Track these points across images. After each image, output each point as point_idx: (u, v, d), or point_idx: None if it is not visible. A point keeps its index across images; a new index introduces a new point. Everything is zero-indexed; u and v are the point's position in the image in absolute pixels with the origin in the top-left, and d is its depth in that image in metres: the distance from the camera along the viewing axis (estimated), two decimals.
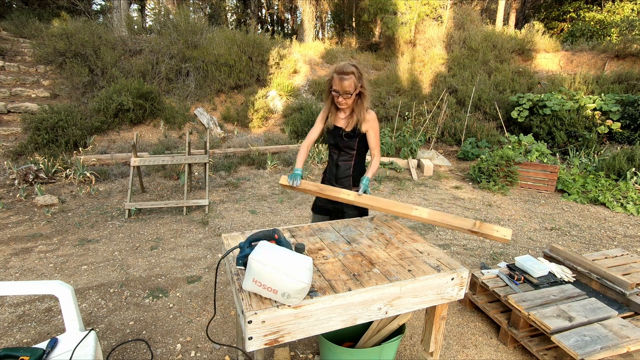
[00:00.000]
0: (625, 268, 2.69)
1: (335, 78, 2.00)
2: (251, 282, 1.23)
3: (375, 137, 2.16)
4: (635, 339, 1.89)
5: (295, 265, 1.22)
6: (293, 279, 1.19)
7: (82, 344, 1.53)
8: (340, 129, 2.15)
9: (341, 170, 2.21)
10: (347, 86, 1.98)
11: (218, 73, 8.23)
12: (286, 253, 1.27)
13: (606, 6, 13.23)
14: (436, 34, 10.98)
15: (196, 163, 4.91)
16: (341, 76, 1.97)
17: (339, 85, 1.99)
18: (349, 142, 2.14)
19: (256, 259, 1.22)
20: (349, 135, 2.14)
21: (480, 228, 1.70)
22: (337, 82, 1.99)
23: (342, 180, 2.22)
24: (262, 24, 20.24)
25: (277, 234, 1.48)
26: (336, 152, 2.21)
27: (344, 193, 2.02)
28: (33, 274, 2.99)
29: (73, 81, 7.23)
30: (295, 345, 2.21)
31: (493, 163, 5.74)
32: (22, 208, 4.37)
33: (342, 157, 2.20)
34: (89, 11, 12.28)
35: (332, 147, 2.23)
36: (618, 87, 8.04)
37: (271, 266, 1.20)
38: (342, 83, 1.97)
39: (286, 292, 1.20)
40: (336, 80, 1.99)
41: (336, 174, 2.23)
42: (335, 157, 2.22)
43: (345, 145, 2.16)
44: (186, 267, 3.13)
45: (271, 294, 1.22)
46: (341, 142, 2.16)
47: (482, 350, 2.22)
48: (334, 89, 2.02)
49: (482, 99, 8.71)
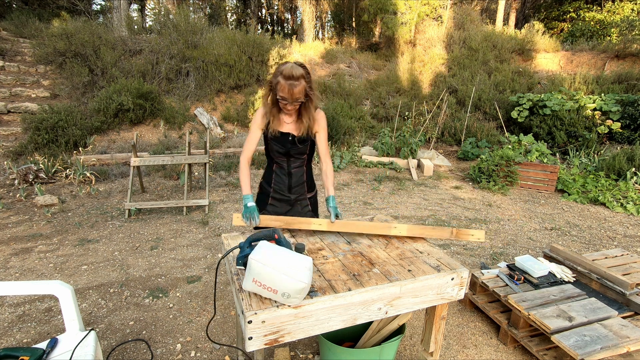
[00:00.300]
0: (625, 268, 2.69)
1: (282, 84, 1.71)
2: (251, 282, 1.24)
3: (325, 139, 1.98)
4: (635, 339, 1.89)
5: (295, 266, 1.22)
6: (293, 279, 1.19)
7: (82, 344, 1.53)
8: (288, 134, 1.91)
9: (295, 178, 2.01)
10: (297, 93, 1.73)
11: (218, 73, 8.23)
12: (286, 253, 1.27)
13: (606, 6, 13.23)
14: (436, 34, 10.98)
15: (196, 163, 4.91)
16: (290, 82, 1.71)
17: (288, 93, 1.72)
18: (302, 147, 1.94)
19: (256, 259, 1.22)
20: (302, 141, 1.92)
21: (457, 235, 1.73)
22: (286, 89, 1.72)
23: (296, 189, 2.03)
24: (262, 24, 20.25)
25: (277, 234, 1.48)
26: (285, 159, 1.96)
27: (315, 224, 1.79)
28: (33, 274, 2.99)
29: (73, 81, 7.23)
30: (295, 345, 2.21)
31: (493, 163, 5.74)
32: (22, 208, 4.37)
33: (293, 164, 1.98)
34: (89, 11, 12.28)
35: (278, 156, 1.95)
36: (618, 87, 8.05)
37: (271, 266, 1.21)
38: (292, 90, 1.72)
39: (286, 292, 1.20)
40: (284, 87, 1.71)
41: (289, 184, 2.01)
42: (285, 165, 1.98)
43: (298, 152, 1.94)
44: (186, 267, 3.13)
45: (271, 294, 1.22)
46: (293, 149, 1.93)
47: (482, 350, 2.22)
48: (281, 96, 1.75)
49: (482, 99, 8.72)
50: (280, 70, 1.73)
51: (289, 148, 1.93)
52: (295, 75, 1.71)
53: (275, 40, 10.02)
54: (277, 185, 2.02)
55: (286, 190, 2.02)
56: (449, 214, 4.57)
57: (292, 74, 1.70)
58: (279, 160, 1.98)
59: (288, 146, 1.92)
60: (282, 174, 2.00)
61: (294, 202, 2.06)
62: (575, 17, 14.76)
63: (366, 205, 4.79)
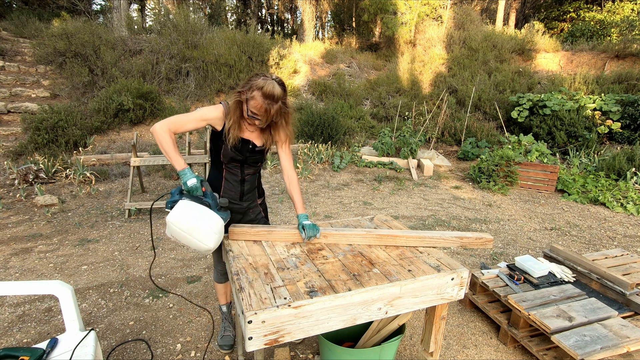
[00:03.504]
0: (625, 268, 2.69)
1: (258, 101, 1.57)
2: (170, 235, 1.51)
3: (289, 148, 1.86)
4: (635, 339, 1.89)
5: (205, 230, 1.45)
6: (201, 242, 1.46)
7: (82, 344, 1.53)
8: (249, 142, 1.78)
9: (248, 185, 1.90)
10: (273, 112, 1.61)
11: (218, 73, 8.24)
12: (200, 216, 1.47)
13: (606, 6, 13.23)
14: (436, 34, 10.98)
15: (196, 163, 4.90)
16: (269, 102, 1.58)
17: (263, 112, 1.59)
18: (260, 156, 1.85)
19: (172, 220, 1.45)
20: (261, 151, 1.83)
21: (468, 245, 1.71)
22: (262, 108, 1.58)
23: (248, 196, 1.93)
24: (262, 24, 20.25)
25: (204, 186, 1.61)
26: (238, 165, 1.83)
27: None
28: (33, 274, 2.99)
29: (73, 81, 7.23)
30: (295, 345, 2.21)
31: (493, 163, 5.74)
32: (22, 208, 4.37)
33: (247, 170, 1.86)
34: (89, 11, 12.28)
35: (232, 162, 1.80)
36: (618, 87, 8.04)
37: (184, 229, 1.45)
38: (269, 110, 1.60)
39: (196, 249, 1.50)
40: (260, 105, 1.58)
41: (242, 191, 1.89)
42: (237, 171, 1.84)
43: (254, 160, 1.84)
44: (186, 267, 3.13)
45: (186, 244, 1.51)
46: (251, 158, 1.82)
47: (482, 350, 2.22)
48: (254, 112, 1.60)
49: (482, 99, 8.72)
50: (259, 86, 1.57)
51: (247, 156, 1.80)
52: (276, 95, 1.57)
53: (275, 40, 10.02)
54: (227, 193, 1.86)
55: (238, 198, 1.88)
56: (449, 214, 4.57)
57: (273, 93, 1.56)
58: (231, 166, 1.83)
59: (246, 154, 1.79)
60: (234, 180, 1.85)
61: (246, 210, 1.95)
62: (575, 17, 14.77)
63: (366, 205, 4.79)
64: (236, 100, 1.66)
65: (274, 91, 1.57)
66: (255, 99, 1.57)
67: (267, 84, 1.56)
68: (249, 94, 1.59)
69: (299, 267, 1.48)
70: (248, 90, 1.60)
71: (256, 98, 1.57)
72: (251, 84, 1.60)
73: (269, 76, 1.61)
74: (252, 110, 1.61)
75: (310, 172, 6.01)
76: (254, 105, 1.59)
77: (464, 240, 1.71)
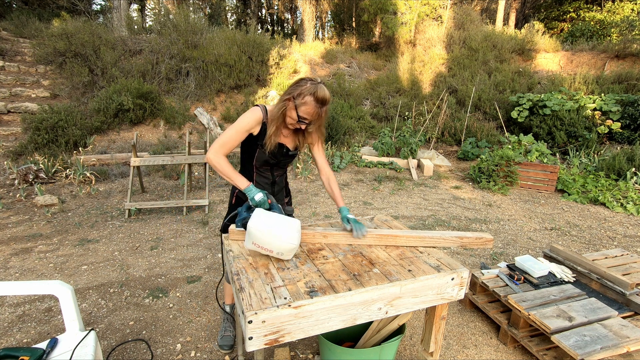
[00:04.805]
0: (625, 268, 2.69)
1: (311, 105, 1.60)
2: (251, 244, 1.48)
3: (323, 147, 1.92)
4: (635, 339, 1.89)
5: (286, 229, 1.46)
6: (285, 241, 1.44)
7: (82, 344, 1.53)
8: (283, 146, 1.82)
9: (277, 187, 1.98)
10: (324, 116, 1.67)
11: (218, 73, 8.24)
12: (278, 219, 1.49)
13: (606, 6, 13.23)
14: (436, 34, 10.98)
15: (196, 163, 4.90)
16: (321, 106, 1.62)
17: (315, 115, 1.63)
18: (291, 159, 1.91)
19: (254, 226, 1.45)
20: (294, 154, 1.89)
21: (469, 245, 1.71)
22: (314, 112, 1.62)
23: (277, 197, 2.00)
24: (262, 24, 20.24)
25: (270, 198, 1.67)
26: (269, 168, 1.88)
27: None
28: (33, 274, 2.99)
29: (73, 81, 7.23)
30: (295, 345, 2.21)
31: (493, 163, 5.74)
32: (22, 208, 4.37)
33: (276, 172, 1.93)
34: (89, 11, 12.29)
35: (263, 165, 1.85)
36: (618, 87, 8.04)
37: (266, 232, 1.44)
38: (321, 112, 1.64)
39: (280, 251, 1.46)
40: (312, 109, 1.61)
41: (272, 192, 1.95)
42: (268, 174, 1.90)
43: (286, 163, 1.92)
44: (186, 267, 3.13)
45: (268, 252, 1.47)
46: (284, 161, 1.88)
47: (482, 350, 2.22)
48: (303, 116, 1.63)
49: (482, 99, 8.72)
50: (311, 91, 1.59)
51: (280, 159, 1.85)
52: (327, 99, 1.61)
53: (275, 40, 10.02)
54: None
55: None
56: (449, 214, 4.57)
57: (325, 97, 1.60)
58: (263, 169, 1.87)
59: (280, 158, 1.84)
60: (265, 182, 1.91)
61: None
62: (575, 17, 14.77)
63: (366, 205, 4.79)
64: (283, 108, 1.66)
65: (325, 95, 1.61)
66: (308, 104, 1.60)
67: (319, 89, 1.59)
68: (300, 100, 1.61)
69: (299, 267, 1.48)
70: (297, 96, 1.61)
71: (308, 103, 1.60)
72: (301, 90, 1.61)
73: (316, 80, 1.63)
74: (302, 114, 1.63)
75: (310, 172, 6.01)
76: (305, 110, 1.62)
77: (464, 240, 1.72)
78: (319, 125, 1.76)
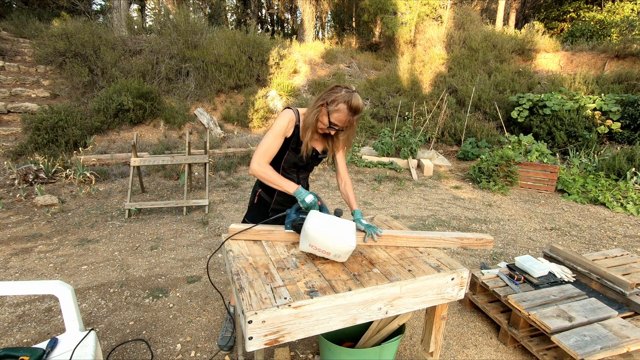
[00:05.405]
0: (625, 268, 2.69)
1: (344, 113, 1.63)
2: (307, 246, 1.46)
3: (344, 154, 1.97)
4: (635, 339, 1.89)
5: (344, 230, 1.44)
6: (344, 242, 1.41)
7: (82, 344, 1.53)
8: (313, 149, 1.85)
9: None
10: (355, 124, 1.72)
11: (218, 73, 8.24)
12: (334, 220, 1.47)
13: (606, 6, 13.23)
14: (436, 34, 10.98)
15: (196, 163, 4.90)
16: (354, 115, 1.65)
17: (347, 123, 1.67)
18: (319, 162, 1.95)
19: (311, 227, 1.43)
20: (322, 158, 1.92)
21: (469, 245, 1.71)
22: (346, 120, 1.65)
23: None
24: (262, 24, 20.24)
25: (320, 200, 1.64)
26: (295, 170, 1.91)
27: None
28: (33, 274, 2.99)
29: (73, 81, 7.23)
30: (295, 345, 2.21)
31: (493, 163, 5.75)
32: (22, 208, 4.37)
33: (302, 174, 1.97)
34: (89, 11, 12.29)
35: (291, 167, 1.89)
36: (618, 87, 8.05)
37: (324, 233, 1.42)
38: (352, 120, 1.67)
39: (337, 253, 1.44)
40: (345, 117, 1.64)
41: None
42: (295, 176, 1.93)
43: (313, 165, 1.96)
44: (186, 267, 3.13)
45: (324, 254, 1.46)
46: (312, 163, 1.93)
47: (482, 350, 2.22)
48: (335, 123, 1.66)
49: (482, 99, 8.72)
50: (345, 99, 1.61)
51: (309, 162, 1.88)
52: (360, 107, 1.64)
53: (275, 40, 10.02)
54: (281, 197, 1.92)
55: (291, 200, 1.92)
56: (449, 214, 4.57)
57: (358, 106, 1.63)
58: (290, 171, 1.90)
59: (309, 160, 1.87)
60: None
61: None
62: (575, 17, 14.77)
63: (366, 205, 4.79)
64: (317, 114, 1.68)
65: (359, 104, 1.63)
66: (341, 111, 1.63)
67: (353, 97, 1.61)
68: (333, 107, 1.64)
69: (299, 267, 1.48)
70: (331, 102, 1.64)
71: (341, 111, 1.63)
72: (335, 97, 1.63)
73: (350, 88, 1.65)
74: (335, 121, 1.66)
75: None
76: (337, 117, 1.65)
77: (464, 241, 1.72)
78: (349, 134, 1.79)
